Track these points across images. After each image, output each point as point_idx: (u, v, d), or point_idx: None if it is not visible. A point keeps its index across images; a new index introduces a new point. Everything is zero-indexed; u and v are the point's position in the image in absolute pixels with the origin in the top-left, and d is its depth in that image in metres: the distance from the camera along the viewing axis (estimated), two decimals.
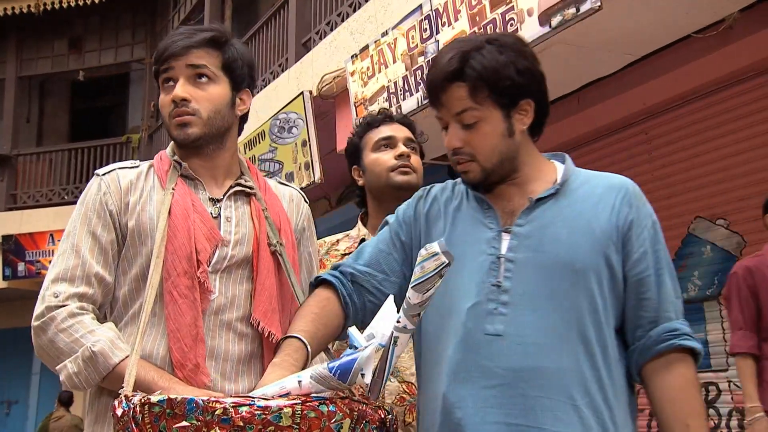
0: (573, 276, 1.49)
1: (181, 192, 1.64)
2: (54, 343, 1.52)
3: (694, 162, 4.35)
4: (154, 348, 1.56)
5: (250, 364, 1.63)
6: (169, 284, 1.56)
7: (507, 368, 1.47)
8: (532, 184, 1.59)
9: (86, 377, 1.50)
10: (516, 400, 1.45)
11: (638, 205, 1.57)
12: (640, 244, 1.53)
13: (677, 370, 1.49)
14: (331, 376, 1.37)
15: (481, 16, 4.05)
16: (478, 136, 1.55)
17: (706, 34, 3.97)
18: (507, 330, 1.49)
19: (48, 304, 1.55)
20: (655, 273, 1.53)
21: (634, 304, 1.53)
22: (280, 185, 1.84)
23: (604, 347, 1.49)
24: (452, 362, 1.53)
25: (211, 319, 1.59)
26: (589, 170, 1.65)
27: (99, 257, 1.60)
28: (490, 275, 1.53)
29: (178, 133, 1.66)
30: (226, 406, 1.26)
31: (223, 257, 1.62)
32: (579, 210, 1.55)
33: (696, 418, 1.46)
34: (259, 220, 1.68)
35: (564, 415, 1.44)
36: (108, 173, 1.68)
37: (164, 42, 1.70)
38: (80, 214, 1.64)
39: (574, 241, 1.51)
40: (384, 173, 2.25)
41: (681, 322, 1.53)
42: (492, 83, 1.52)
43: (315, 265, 1.86)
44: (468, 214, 1.63)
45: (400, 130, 2.33)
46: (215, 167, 1.71)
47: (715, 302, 4.20)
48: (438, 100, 1.59)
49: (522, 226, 1.55)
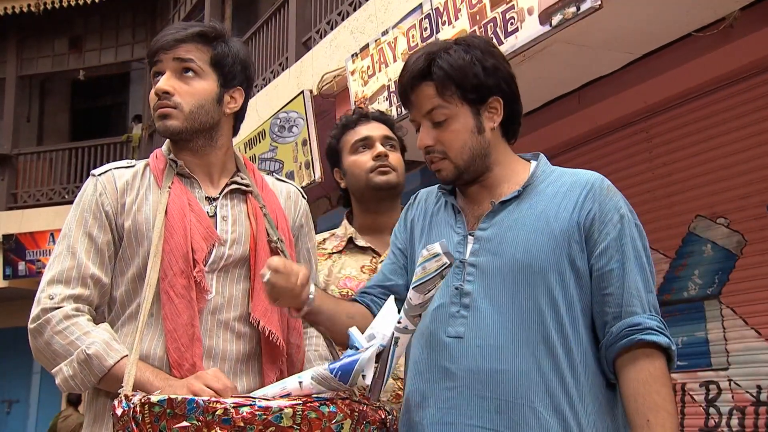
0: (532, 277, 1.51)
1: (177, 191, 1.63)
2: (50, 345, 1.52)
3: (694, 161, 4.34)
4: (152, 348, 1.56)
5: (248, 364, 1.62)
6: (166, 284, 1.56)
7: (466, 370, 1.49)
8: (501, 187, 1.62)
9: (82, 380, 1.50)
10: (473, 402, 1.47)
11: (602, 199, 1.56)
12: (602, 238, 1.53)
13: (640, 365, 1.47)
14: (332, 377, 1.37)
15: (482, 14, 4.04)
16: (449, 133, 1.59)
17: (707, 33, 3.96)
18: (467, 332, 1.51)
19: (44, 306, 1.54)
20: (619, 267, 1.51)
21: (598, 300, 1.53)
22: (278, 182, 1.84)
23: (567, 348, 1.49)
24: (417, 363, 1.57)
25: (208, 318, 1.59)
26: (563, 168, 1.66)
27: (95, 258, 1.60)
28: (454, 279, 1.56)
29: (159, 124, 1.65)
30: (227, 406, 1.26)
31: (219, 256, 1.62)
32: (540, 210, 1.56)
33: (657, 413, 1.43)
34: (257, 218, 1.67)
35: (521, 417, 1.45)
36: (104, 173, 1.67)
37: (157, 36, 1.70)
38: (76, 215, 1.63)
39: (532, 243, 1.52)
40: (363, 175, 2.23)
41: (647, 316, 1.49)
42: (458, 80, 1.56)
43: (314, 262, 1.86)
44: (442, 218, 1.67)
45: (376, 128, 2.31)
46: (209, 165, 1.70)
47: (715, 301, 4.19)
48: (408, 101, 1.63)
49: (485, 230, 1.58)
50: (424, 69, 1.59)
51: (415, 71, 1.60)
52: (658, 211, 4.48)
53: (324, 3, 6.68)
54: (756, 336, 3.99)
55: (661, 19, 3.89)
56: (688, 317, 4.27)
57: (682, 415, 4.23)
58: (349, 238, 2.30)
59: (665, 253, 4.45)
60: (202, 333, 1.57)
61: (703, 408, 4.14)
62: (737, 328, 4.09)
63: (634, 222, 1.57)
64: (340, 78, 5.58)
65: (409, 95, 1.62)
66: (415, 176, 6.62)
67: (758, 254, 4.00)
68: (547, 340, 1.49)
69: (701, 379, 4.17)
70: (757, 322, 4.00)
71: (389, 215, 2.28)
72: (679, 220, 4.38)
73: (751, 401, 3.95)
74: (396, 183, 2.25)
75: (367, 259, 2.25)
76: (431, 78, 1.58)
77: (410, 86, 1.61)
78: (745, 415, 3.97)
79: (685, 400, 4.23)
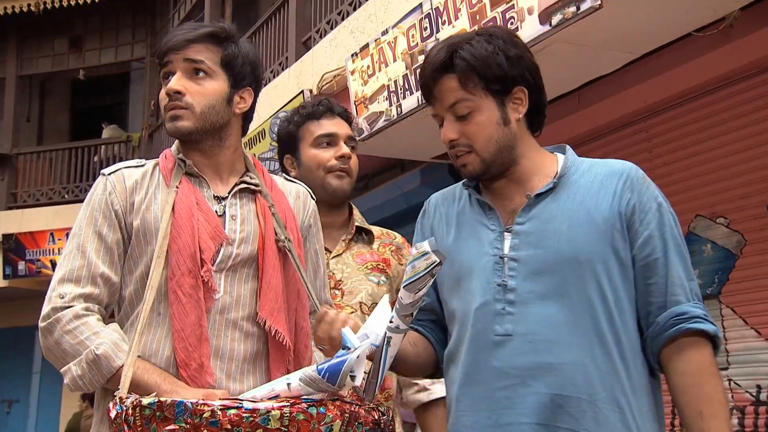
0: (578, 269, 1.48)
1: (185, 190, 1.63)
2: (60, 344, 1.53)
3: (694, 160, 4.34)
4: (159, 347, 1.56)
5: (255, 363, 1.62)
6: (174, 283, 1.56)
7: (519, 368, 1.46)
8: (532, 180, 1.58)
9: (90, 380, 1.51)
10: (529, 399, 1.44)
11: (640, 189, 1.54)
12: (644, 227, 1.51)
13: (688, 355, 1.45)
14: (320, 378, 1.36)
15: (482, 14, 4.04)
16: (473, 126, 1.55)
17: (707, 33, 3.96)
18: (516, 329, 1.48)
19: (54, 305, 1.55)
20: (662, 256, 1.49)
21: (642, 290, 1.50)
22: (287, 182, 1.83)
23: (618, 339, 1.46)
24: (465, 365, 1.53)
25: (216, 318, 1.59)
26: (592, 158, 1.63)
27: (105, 257, 1.60)
28: (495, 275, 1.52)
29: (170, 125, 1.66)
30: (214, 408, 1.26)
31: (228, 256, 1.62)
32: (579, 201, 1.53)
33: (710, 405, 1.41)
34: (265, 218, 1.67)
35: (579, 411, 1.42)
36: (113, 173, 1.68)
37: (167, 37, 1.70)
38: (86, 214, 1.64)
39: (575, 234, 1.49)
40: (321, 173, 2.18)
41: (692, 305, 1.47)
42: (481, 71, 1.53)
43: (321, 263, 1.85)
44: (471, 217, 1.63)
45: (342, 126, 2.25)
46: (218, 164, 1.70)
47: (715, 301, 4.19)
48: (431, 95, 1.59)
49: (522, 224, 1.54)
50: (446, 61, 1.55)
51: (436, 63, 1.56)
52: None
53: (324, 3, 6.68)
54: (755, 336, 4.00)
55: (661, 19, 3.89)
56: None
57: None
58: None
59: None
60: (210, 332, 1.57)
61: None
62: (737, 327, 4.09)
63: (669, 210, 1.56)
64: (340, 78, 5.58)
65: (432, 89, 1.58)
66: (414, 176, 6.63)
67: (758, 254, 4.01)
68: (599, 331, 1.46)
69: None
70: (757, 321, 4.00)
71: (344, 214, 2.27)
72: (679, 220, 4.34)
73: (750, 401, 3.96)
74: (348, 191, 2.21)
75: None
76: (453, 70, 1.54)
77: (432, 79, 1.57)
78: (745, 414, 3.97)
79: None
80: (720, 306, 4.16)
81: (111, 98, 13.66)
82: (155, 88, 11.88)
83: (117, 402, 1.33)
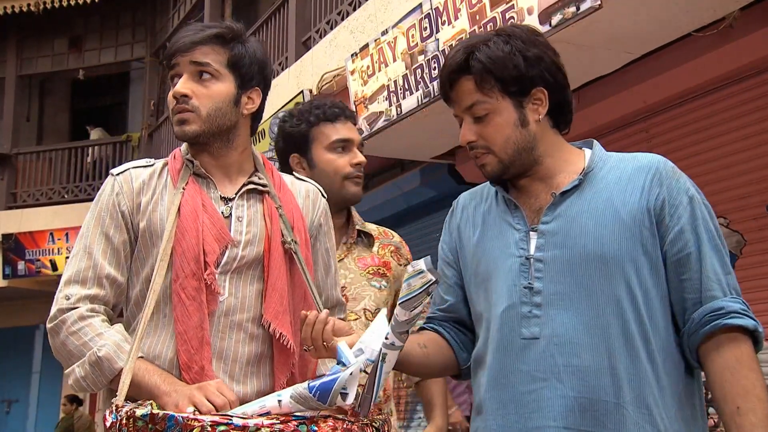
0: (605, 268, 1.45)
1: (191, 192, 1.63)
2: (65, 345, 1.54)
3: (694, 160, 4.34)
4: (163, 350, 1.56)
5: (260, 365, 1.61)
6: (177, 286, 1.56)
7: (545, 371, 1.44)
8: (558, 177, 1.55)
9: (93, 381, 1.51)
10: (556, 403, 1.42)
11: (670, 182, 1.50)
12: (675, 222, 1.47)
13: (727, 350, 1.40)
14: (310, 396, 1.34)
15: (481, 14, 4.04)
16: (491, 127, 1.54)
17: (707, 33, 3.96)
18: (543, 332, 1.46)
19: (60, 306, 1.56)
20: (695, 251, 1.45)
21: (676, 287, 1.46)
22: (297, 181, 1.81)
23: (646, 339, 1.43)
24: (491, 369, 1.51)
25: (221, 320, 1.58)
26: (620, 153, 1.60)
27: (111, 258, 1.61)
28: (521, 277, 1.50)
29: (177, 129, 1.65)
30: (204, 424, 1.26)
31: (233, 258, 1.61)
32: (606, 198, 1.49)
33: (746, 399, 1.36)
34: (272, 219, 1.66)
35: (606, 414, 1.40)
36: (122, 173, 1.68)
37: (174, 38, 1.70)
38: (94, 214, 1.64)
39: (602, 232, 1.46)
40: (339, 179, 2.16)
41: (729, 300, 1.43)
42: (498, 73, 1.51)
43: (333, 262, 1.83)
44: (497, 216, 1.60)
45: (355, 132, 2.24)
46: (225, 165, 1.70)
47: None
48: (449, 97, 1.59)
49: (548, 223, 1.51)
50: (462, 63, 1.54)
51: (453, 66, 1.55)
52: None
53: (324, 3, 6.68)
54: None
55: (661, 19, 3.89)
56: None
57: None
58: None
59: None
60: (214, 334, 1.57)
61: None
62: None
63: (703, 202, 1.51)
64: (340, 77, 5.58)
65: (449, 91, 1.58)
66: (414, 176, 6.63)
67: (758, 254, 4.01)
68: (626, 332, 1.43)
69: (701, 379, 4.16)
70: None
71: (344, 217, 2.26)
72: None
73: None
74: (360, 198, 2.22)
75: None
76: (470, 72, 1.53)
77: (449, 81, 1.56)
78: None
79: None
80: None
81: (111, 98, 13.65)
82: (155, 87, 11.89)
83: (113, 410, 1.34)
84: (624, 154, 1.58)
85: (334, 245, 1.85)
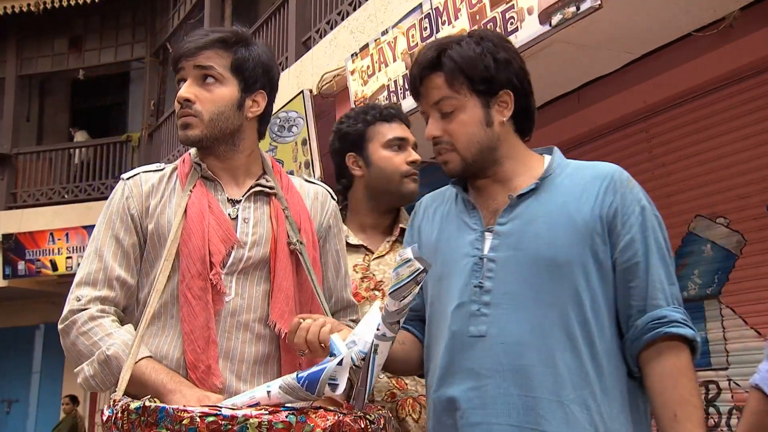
0: (555, 271, 1.48)
1: (198, 194, 1.65)
2: (75, 345, 1.57)
3: (694, 160, 4.34)
4: (170, 350, 1.58)
5: (267, 365, 1.63)
6: (184, 286, 1.58)
7: (491, 369, 1.48)
8: (516, 180, 1.59)
9: (102, 380, 1.53)
10: (500, 400, 1.46)
11: (623, 191, 1.54)
12: (626, 231, 1.51)
13: (667, 358, 1.46)
14: (299, 386, 1.35)
15: (481, 14, 4.04)
16: (456, 124, 1.58)
17: (707, 33, 3.97)
18: (489, 330, 1.49)
19: (71, 307, 1.60)
20: (643, 260, 1.49)
21: (623, 294, 1.51)
22: (305, 183, 1.83)
23: (590, 342, 1.47)
24: (441, 366, 1.55)
25: (227, 320, 1.60)
26: (580, 161, 1.64)
27: (122, 261, 1.64)
28: (473, 276, 1.54)
29: (181, 134, 1.68)
30: (193, 415, 1.28)
31: (239, 258, 1.63)
32: (561, 203, 1.53)
33: (684, 407, 1.42)
34: (278, 220, 1.67)
35: (548, 412, 1.44)
36: (132, 177, 1.72)
37: (180, 42, 1.73)
38: (105, 218, 1.68)
39: (555, 236, 1.50)
40: (397, 177, 2.20)
41: (671, 309, 1.48)
42: (468, 71, 1.56)
43: (343, 263, 1.84)
44: (455, 217, 1.64)
45: (409, 133, 2.28)
46: (232, 168, 1.72)
47: (715, 301, 4.20)
48: (417, 92, 1.63)
49: (504, 224, 1.55)
50: (434, 60, 1.58)
51: (425, 62, 1.60)
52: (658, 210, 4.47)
53: (324, 3, 6.68)
54: (755, 336, 3.99)
55: (661, 19, 3.89)
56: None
57: None
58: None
59: None
60: (221, 334, 1.58)
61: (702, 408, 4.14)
62: (737, 327, 4.09)
63: (653, 213, 1.55)
64: (340, 78, 5.58)
65: (418, 86, 1.62)
66: None
67: (758, 254, 4.01)
68: (570, 334, 1.46)
69: (701, 379, 4.17)
70: (757, 321, 4.00)
71: (391, 217, 2.29)
72: (679, 220, 4.38)
73: None
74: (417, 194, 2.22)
75: (360, 258, 2.22)
76: (441, 69, 1.58)
77: (419, 77, 1.61)
78: None
79: None
80: (720, 306, 4.16)
81: (111, 98, 13.65)
82: (155, 87, 11.90)
83: (110, 404, 1.37)
84: (583, 162, 1.62)
85: (344, 246, 1.87)
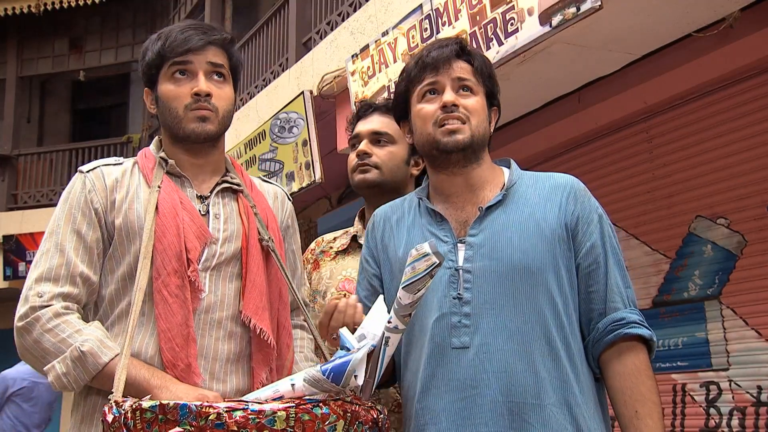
0: (530, 278, 1.53)
1: (167, 190, 1.62)
2: (39, 343, 1.51)
3: (694, 161, 4.34)
4: (143, 348, 1.55)
5: (238, 364, 1.62)
6: (159, 283, 1.54)
7: (476, 378, 1.50)
8: (484, 190, 1.64)
9: (75, 377, 1.49)
10: (485, 409, 1.48)
11: (583, 200, 1.62)
12: (587, 238, 1.59)
13: (626, 358, 1.53)
14: (324, 378, 1.37)
15: (482, 15, 4.04)
16: (474, 103, 1.64)
17: (707, 33, 3.96)
18: (473, 341, 1.52)
19: (32, 304, 1.53)
20: (603, 265, 1.57)
21: (584, 297, 1.58)
22: (264, 183, 1.84)
23: (567, 345, 1.53)
24: (423, 377, 1.56)
25: (201, 317, 1.58)
26: (534, 172, 1.71)
27: (84, 256, 1.58)
28: (451, 288, 1.56)
29: (196, 126, 1.64)
30: (220, 411, 1.26)
31: (212, 255, 1.61)
32: (529, 213, 1.59)
33: (644, 404, 1.49)
34: (248, 217, 1.67)
35: (532, 416, 1.47)
36: (92, 170, 1.66)
37: (174, 34, 1.66)
38: (64, 211, 1.62)
39: (527, 244, 1.55)
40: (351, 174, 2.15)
41: (629, 311, 1.56)
42: (485, 76, 1.66)
43: (298, 264, 1.86)
44: (422, 228, 1.65)
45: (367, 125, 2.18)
46: (205, 164, 1.71)
47: (715, 301, 4.19)
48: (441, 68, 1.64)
49: (475, 235, 1.58)
50: (462, 49, 1.67)
51: (457, 49, 1.66)
52: (658, 211, 4.47)
53: (324, 4, 6.68)
54: (756, 336, 3.99)
55: (661, 19, 3.89)
56: (689, 318, 4.27)
57: (683, 416, 4.23)
58: (353, 237, 2.23)
59: (665, 253, 4.45)
60: (196, 332, 1.56)
61: (703, 408, 4.13)
62: (737, 328, 4.09)
63: (608, 221, 1.64)
64: (341, 79, 5.58)
65: (445, 64, 1.64)
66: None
67: (758, 254, 4.00)
68: (548, 338, 1.51)
69: (702, 380, 4.16)
70: (758, 322, 4.00)
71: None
72: (679, 221, 4.38)
73: (751, 402, 3.95)
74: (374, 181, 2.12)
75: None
76: (471, 61, 1.66)
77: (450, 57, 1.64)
78: (746, 415, 3.97)
79: (685, 401, 4.23)
80: (720, 307, 4.16)
81: (111, 99, 13.65)
82: None
83: (113, 406, 1.32)
84: (539, 173, 1.71)
85: (300, 247, 1.89)
